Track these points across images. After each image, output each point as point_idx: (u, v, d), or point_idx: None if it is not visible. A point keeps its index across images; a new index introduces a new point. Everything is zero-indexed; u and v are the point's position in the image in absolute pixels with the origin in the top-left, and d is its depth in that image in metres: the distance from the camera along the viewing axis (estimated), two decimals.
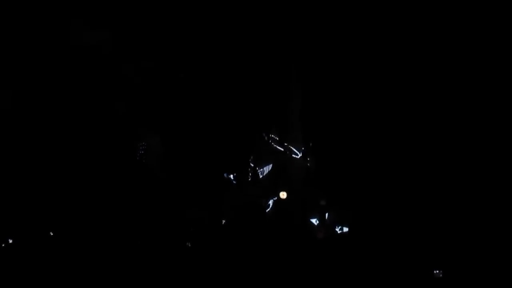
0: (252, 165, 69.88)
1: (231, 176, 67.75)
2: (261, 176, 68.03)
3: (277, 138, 73.55)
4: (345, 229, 45.45)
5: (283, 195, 66.90)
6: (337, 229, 50.84)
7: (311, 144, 72.76)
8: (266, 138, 72.56)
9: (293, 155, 72.45)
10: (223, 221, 51.98)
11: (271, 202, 63.85)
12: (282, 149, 73.18)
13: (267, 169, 69.17)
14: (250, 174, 67.66)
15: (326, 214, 57.54)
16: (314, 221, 60.94)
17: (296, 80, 69.88)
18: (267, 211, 64.75)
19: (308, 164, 69.36)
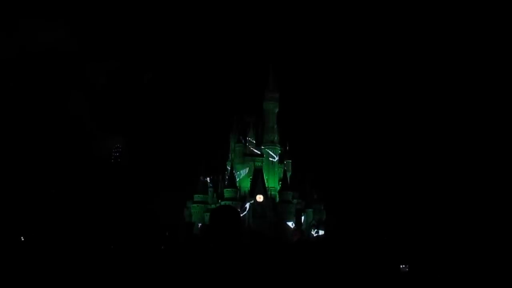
0: (229, 168, 69.20)
1: (208, 179, 66.96)
2: (237, 179, 67.32)
3: (254, 141, 73.35)
4: (321, 232, 45.58)
5: (259, 198, 66.47)
6: (312, 232, 50.89)
7: (288, 147, 72.83)
8: (243, 141, 72.03)
9: (270, 158, 72.22)
10: (199, 225, 51.23)
11: (248, 205, 63.28)
12: (259, 152, 72.84)
13: (243, 172, 68.65)
14: (226, 177, 67.05)
15: (302, 217, 57.27)
16: (290, 224, 60.63)
17: (273, 83, 70.15)
18: (242, 215, 64.31)
19: (285, 167, 69.17)
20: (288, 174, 69.68)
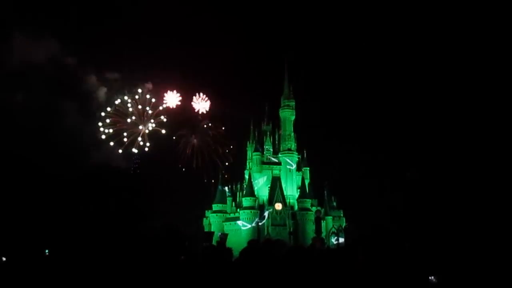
0: (247, 177, 68.46)
1: (226, 188, 66.28)
2: (256, 188, 66.72)
3: (271, 150, 72.50)
4: (341, 239, 45.01)
5: (278, 206, 65.54)
6: (333, 240, 50.10)
7: (305, 154, 71.54)
8: (260, 149, 71.33)
9: (288, 166, 71.46)
10: (219, 234, 50.77)
11: (266, 213, 62.43)
12: (277, 160, 72.13)
13: (261, 180, 67.96)
14: (245, 186, 66.27)
15: (322, 225, 56.23)
16: (310, 232, 59.14)
17: (288, 91, 69.38)
18: (261, 223, 63.46)
19: (303, 175, 68.18)
20: (306, 182, 69.23)
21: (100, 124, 34.49)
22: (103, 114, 34.92)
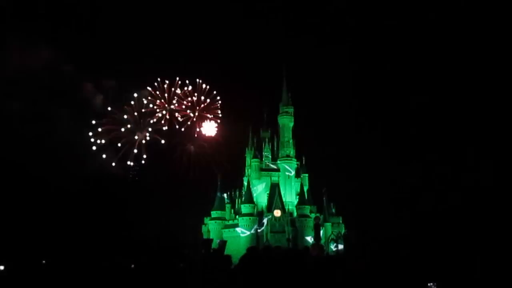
0: (246, 183, 68.50)
1: (225, 195, 66.30)
2: (254, 195, 66.66)
3: (270, 156, 72.56)
4: (340, 246, 44.86)
5: (277, 213, 65.48)
6: (332, 246, 50.04)
7: (304, 161, 71.70)
8: (259, 156, 71.38)
9: (286, 173, 71.55)
10: (218, 241, 50.55)
11: (265, 220, 62.34)
12: (275, 167, 72.11)
13: (260, 187, 67.95)
14: (243, 192, 66.28)
15: (321, 231, 56.37)
16: (309, 238, 59.70)
17: (287, 98, 69.62)
18: (260, 230, 63.30)
19: (302, 182, 68.25)
20: (305, 188, 69.30)
21: (90, 134, 34.02)
22: (94, 122, 34.34)
